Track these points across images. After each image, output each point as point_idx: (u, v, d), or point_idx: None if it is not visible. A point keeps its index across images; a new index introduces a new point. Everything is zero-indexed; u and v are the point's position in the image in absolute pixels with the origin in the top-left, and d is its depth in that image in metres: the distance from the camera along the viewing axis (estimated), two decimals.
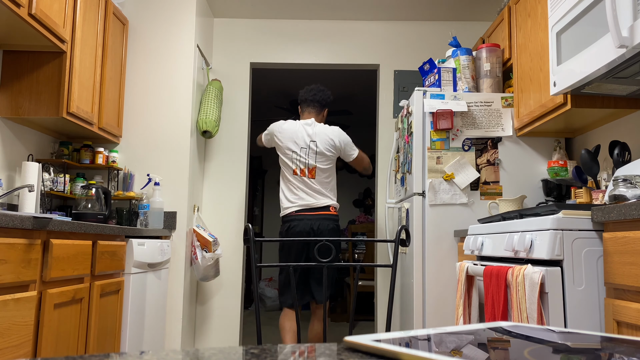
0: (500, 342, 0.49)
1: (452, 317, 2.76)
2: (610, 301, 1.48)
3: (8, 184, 2.71)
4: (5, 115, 2.66)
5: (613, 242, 1.46)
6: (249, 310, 6.55)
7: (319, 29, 4.18)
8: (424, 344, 0.47)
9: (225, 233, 3.96)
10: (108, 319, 2.48)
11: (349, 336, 0.47)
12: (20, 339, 1.71)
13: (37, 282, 1.84)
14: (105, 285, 2.41)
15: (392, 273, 1.59)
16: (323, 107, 3.40)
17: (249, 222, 4.02)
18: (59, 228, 1.93)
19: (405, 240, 1.61)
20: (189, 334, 3.64)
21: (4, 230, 1.64)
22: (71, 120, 2.75)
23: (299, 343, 1.09)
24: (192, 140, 3.55)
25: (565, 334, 0.52)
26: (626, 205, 1.38)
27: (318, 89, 3.38)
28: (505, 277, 1.77)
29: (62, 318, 2.03)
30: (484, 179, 2.87)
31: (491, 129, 2.89)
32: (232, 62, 4.15)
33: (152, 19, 3.55)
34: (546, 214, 1.78)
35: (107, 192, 2.98)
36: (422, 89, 2.97)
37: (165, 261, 3.18)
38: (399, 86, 4.11)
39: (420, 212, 2.86)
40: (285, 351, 0.44)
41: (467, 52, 3.04)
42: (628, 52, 1.63)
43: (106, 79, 3.12)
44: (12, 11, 2.16)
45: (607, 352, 0.44)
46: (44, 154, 3.05)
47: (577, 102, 2.26)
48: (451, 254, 2.82)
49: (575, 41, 1.97)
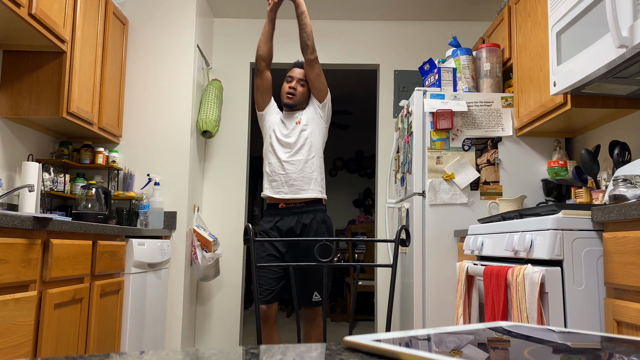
0: (500, 342, 0.49)
1: (452, 317, 2.76)
2: (610, 301, 1.48)
3: (8, 184, 2.71)
4: (5, 115, 2.66)
5: (613, 242, 1.46)
6: (249, 310, 6.56)
7: (319, 29, 4.18)
8: (424, 344, 0.47)
9: (225, 233, 3.96)
10: (108, 319, 2.48)
11: (349, 336, 0.47)
12: (20, 339, 1.71)
13: (37, 282, 1.84)
14: (105, 285, 2.41)
15: (392, 273, 1.59)
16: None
17: (249, 222, 4.02)
18: (59, 228, 1.93)
19: (405, 240, 1.61)
20: (189, 334, 3.64)
21: (4, 230, 1.64)
22: (71, 120, 2.75)
23: (300, 343, 1.09)
24: (192, 140, 3.55)
25: (565, 334, 0.52)
26: (626, 205, 1.38)
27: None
28: (505, 277, 1.77)
29: (62, 318, 2.03)
30: (484, 179, 2.87)
31: (491, 129, 2.89)
32: (232, 62, 4.15)
33: (152, 19, 3.55)
34: (546, 214, 1.78)
35: (107, 192, 2.98)
36: (422, 89, 2.97)
37: (165, 261, 3.18)
38: (399, 86, 4.11)
39: (420, 212, 2.86)
40: (285, 351, 0.44)
41: (467, 52, 3.04)
42: (628, 52, 1.63)
43: (106, 79, 3.12)
44: (12, 11, 2.16)
45: (607, 352, 0.44)
46: (44, 154, 3.05)
47: (577, 102, 2.26)
48: (451, 254, 2.82)
49: (575, 41, 1.97)
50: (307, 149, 2.76)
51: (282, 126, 2.82)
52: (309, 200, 2.73)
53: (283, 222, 2.72)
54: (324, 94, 2.81)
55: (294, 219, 2.71)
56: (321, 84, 2.79)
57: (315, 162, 2.76)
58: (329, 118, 2.88)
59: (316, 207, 2.74)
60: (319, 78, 2.78)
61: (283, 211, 2.74)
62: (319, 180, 2.77)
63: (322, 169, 2.81)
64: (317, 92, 2.80)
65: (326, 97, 2.82)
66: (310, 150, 2.76)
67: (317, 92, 2.80)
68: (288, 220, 2.72)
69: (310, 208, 2.73)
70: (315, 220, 2.71)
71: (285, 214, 2.74)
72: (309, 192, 2.73)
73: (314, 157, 2.76)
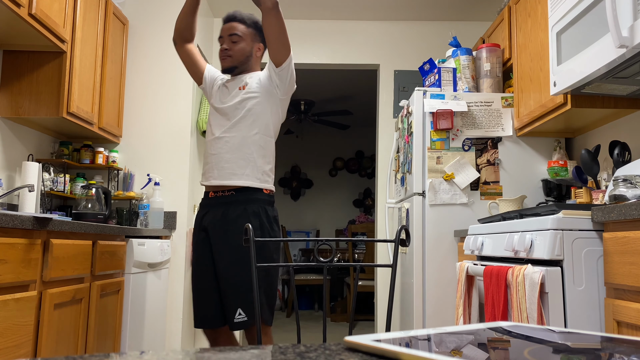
0: (500, 342, 0.49)
1: (452, 317, 2.76)
2: (610, 301, 1.48)
3: (8, 184, 2.71)
4: (5, 115, 2.66)
5: (613, 242, 1.46)
6: None
7: (319, 29, 4.19)
8: (424, 344, 0.47)
9: None
10: (108, 319, 2.48)
11: (349, 336, 0.47)
12: (20, 339, 1.71)
13: (37, 282, 1.84)
14: (105, 285, 2.41)
15: (392, 273, 1.59)
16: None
17: None
18: (59, 228, 1.93)
19: (405, 240, 1.61)
20: (189, 334, 3.63)
21: (4, 230, 1.64)
22: (71, 120, 2.75)
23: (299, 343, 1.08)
24: (192, 140, 3.55)
25: (565, 334, 0.52)
26: (626, 205, 1.38)
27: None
28: (505, 277, 1.77)
29: (62, 318, 2.03)
30: (484, 179, 2.87)
31: (491, 129, 2.89)
32: None
33: (152, 19, 3.55)
34: (546, 214, 1.78)
35: (107, 192, 2.98)
36: (422, 89, 2.97)
37: (165, 261, 3.18)
38: (399, 86, 4.11)
39: (420, 212, 2.86)
40: (285, 351, 0.44)
41: (467, 52, 3.04)
42: (628, 52, 1.63)
43: (106, 79, 3.12)
44: (12, 11, 2.16)
45: (607, 352, 0.44)
46: (44, 154, 3.05)
47: (577, 102, 2.26)
48: (451, 254, 2.82)
49: (576, 41, 1.96)
50: (249, 123, 2.14)
51: (223, 93, 2.25)
52: (241, 188, 2.11)
53: (208, 217, 2.14)
54: (283, 55, 2.14)
55: (219, 212, 2.11)
56: (281, 44, 2.12)
57: (257, 140, 2.14)
58: (289, 89, 2.22)
59: (250, 196, 2.10)
60: (280, 37, 2.09)
61: (211, 201, 2.16)
62: (260, 164, 2.14)
63: (267, 151, 2.18)
64: (275, 53, 2.13)
65: (286, 59, 2.16)
66: (252, 125, 2.14)
67: (275, 53, 2.13)
68: (213, 214, 2.13)
69: (241, 197, 2.10)
70: (244, 215, 2.06)
71: (212, 205, 2.14)
72: (243, 179, 2.10)
73: (256, 134, 2.14)
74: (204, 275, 2.14)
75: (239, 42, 2.24)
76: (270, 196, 2.17)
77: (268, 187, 2.16)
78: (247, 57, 2.26)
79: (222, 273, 2.08)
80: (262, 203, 2.11)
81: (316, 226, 7.94)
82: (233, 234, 2.06)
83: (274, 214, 2.15)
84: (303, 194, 8.02)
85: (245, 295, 2.03)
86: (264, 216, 2.10)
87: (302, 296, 6.89)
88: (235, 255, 2.05)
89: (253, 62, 2.29)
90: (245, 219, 2.06)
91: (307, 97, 6.50)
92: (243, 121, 2.15)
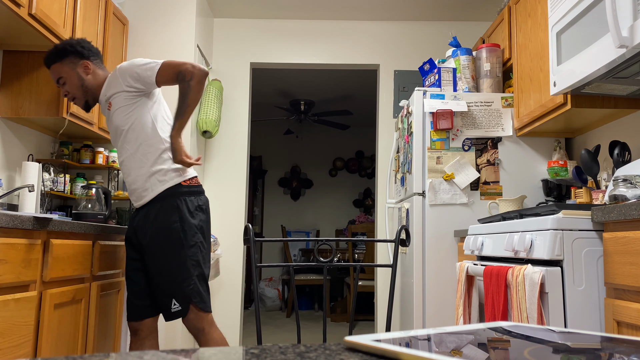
0: (500, 342, 0.49)
1: (452, 317, 2.76)
2: (610, 301, 1.48)
3: (8, 184, 2.71)
4: (5, 115, 2.66)
5: (613, 242, 1.46)
6: (249, 310, 6.56)
7: (319, 29, 4.19)
8: (424, 344, 0.47)
9: (225, 233, 3.96)
10: (108, 319, 2.48)
11: (349, 336, 0.47)
12: (20, 339, 1.71)
13: (37, 282, 1.84)
14: (105, 285, 2.41)
15: (392, 273, 1.59)
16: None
17: (249, 222, 4.02)
18: (59, 228, 1.93)
19: (405, 240, 1.61)
20: (189, 334, 3.63)
21: (4, 230, 1.64)
22: (71, 120, 2.75)
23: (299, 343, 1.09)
24: (192, 140, 3.55)
25: (565, 334, 0.52)
26: (626, 205, 1.38)
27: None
28: (505, 277, 1.77)
29: (62, 318, 2.03)
30: (484, 179, 2.87)
31: (491, 129, 2.89)
32: (232, 62, 4.15)
33: (152, 19, 3.55)
34: (546, 214, 1.78)
35: (107, 192, 2.98)
36: (422, 89, 2.97)
37: None
38: (399, 86, 4.11)
39: (420, 212, 2.86)
40: (285, 351, 0.44)
41: (467, 52, 3.04)
42: (628, 52, 1.63)
43: None
44: (12, 11, 2.16)
45: (607, 352, 0.44)
46: (44, 154, 3.05)
47: (577, 102, 2.26)
48: (451, 254, 2.82)
49: (575, 41, 1.97)
50: (133, 139, 2.09)
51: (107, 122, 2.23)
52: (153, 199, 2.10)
53: (137, 218, 2.15)
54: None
55: (143, 212, 2.11)
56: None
57: (145, 150, 2.09)
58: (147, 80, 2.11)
59: (165, 196, 2.08)
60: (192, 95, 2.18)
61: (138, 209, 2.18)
62: (159, 167, 2.09)
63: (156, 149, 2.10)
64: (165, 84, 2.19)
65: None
66: (136, 139, 2.08)
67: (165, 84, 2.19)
68: (139, 215, 2.13)
69: (158, 202, 2.09)
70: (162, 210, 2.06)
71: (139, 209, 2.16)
72: (150, 194, 2.09)
73: (141, 144, 2.08)
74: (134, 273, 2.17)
75: (67, 82, 2.19)
76: (189, 187, 2.12)
77: (178, 180, 2.10)
78: (84, 86, 2.20)
79: (153, 268, 2.08)
80: (180, 195, 2.08)
81: (316, 226, 7.93)
82: (156, 229, 2.05)
83: (198, 202, 2.12)
84: (303, 194, 8.02)
85: (179, 285, 2.02)
86: (185, 208, 2.07)
87: (302, 296, 6.89)
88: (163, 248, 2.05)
89: (92, 81, 2.21)
90: (164, 213, 2.05)
91: (307, 97, 6.50)
92: (126, 140, 2.11)
